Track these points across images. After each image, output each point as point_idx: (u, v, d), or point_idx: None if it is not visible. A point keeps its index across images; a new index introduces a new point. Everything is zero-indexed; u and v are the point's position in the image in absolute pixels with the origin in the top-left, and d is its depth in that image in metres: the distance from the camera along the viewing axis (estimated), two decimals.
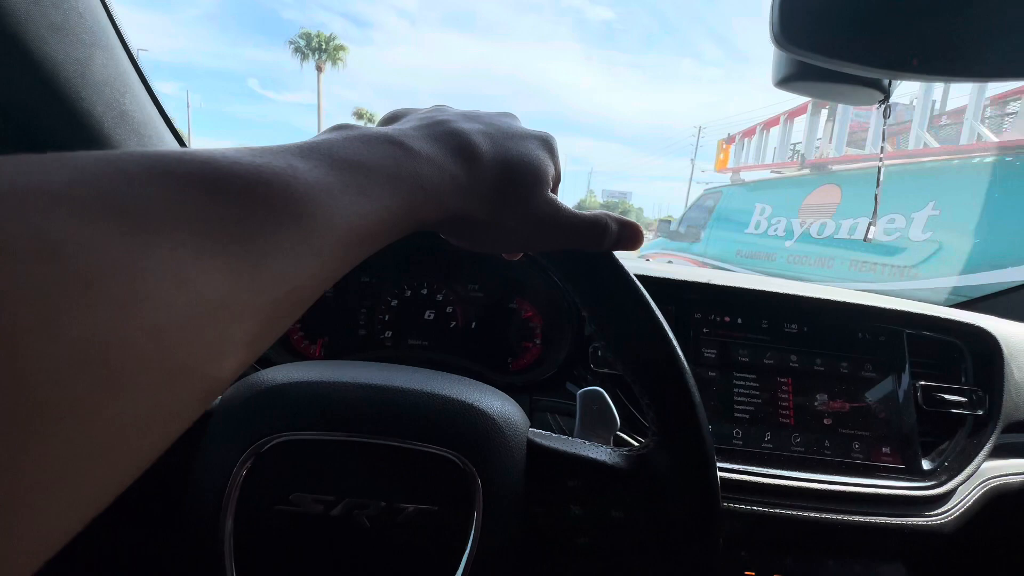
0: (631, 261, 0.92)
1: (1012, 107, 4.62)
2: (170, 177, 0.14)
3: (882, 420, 0.62)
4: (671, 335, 0.30)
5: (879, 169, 0.54)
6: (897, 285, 3.47)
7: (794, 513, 0.56)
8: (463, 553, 0.28)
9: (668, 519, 0.30)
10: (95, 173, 0.13)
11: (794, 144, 6.35)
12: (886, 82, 0.51)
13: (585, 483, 0.31)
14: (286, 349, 0.68)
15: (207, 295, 0.14)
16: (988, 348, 0.65)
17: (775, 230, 4.87)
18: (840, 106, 5.64)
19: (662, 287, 0.64)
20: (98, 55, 0.52)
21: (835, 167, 4.96)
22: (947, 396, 0.62)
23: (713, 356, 0.62)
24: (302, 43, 35.00)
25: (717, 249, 5.62)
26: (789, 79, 0.55)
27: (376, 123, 0.27)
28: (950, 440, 0.63)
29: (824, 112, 5.80)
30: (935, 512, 0.58)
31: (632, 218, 0.30)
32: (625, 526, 0.31)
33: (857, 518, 0.56)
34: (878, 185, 0.55)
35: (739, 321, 0.64)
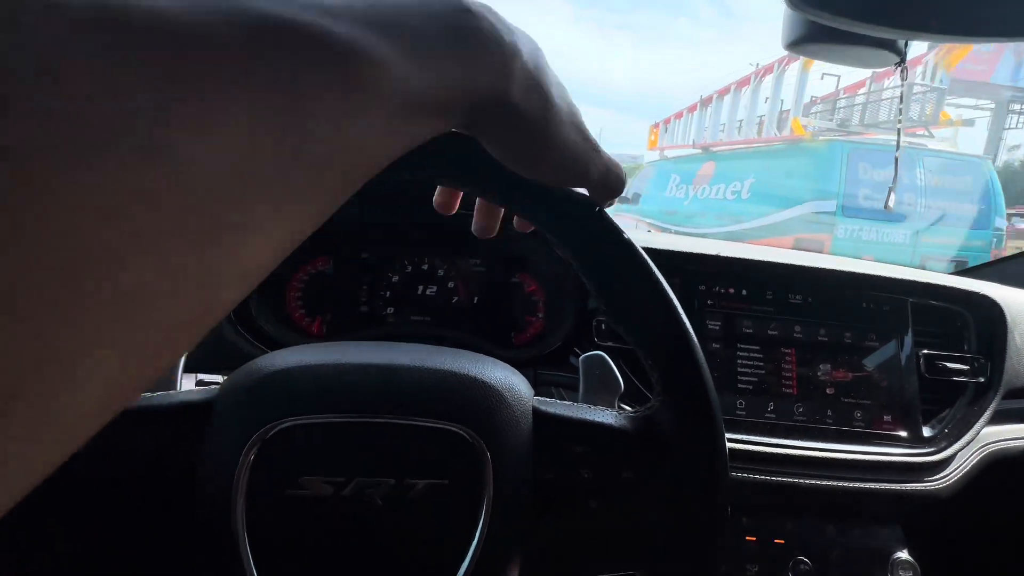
0: (637, 232, 0.92)
1: (761, 114, 7.48)
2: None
3: (884, 389, 0.62)
4: (672, 296, 0.30)
5: (898, 131, 0.53)
6: (732, 227, 5.76)
7: (796, 480, 0.57)
8: (477, 524, 0.29)
9: (677, 476, 0.31)
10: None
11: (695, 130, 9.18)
12: (902, 43, 0.50)
13: (593, 447, 0.31)
14: (286, 325, 0.67)
15: (238, 147, 0.12)
16: (992, 316, 0.65)
17: (681, 194, 7.16)
18: (712, 107, 8.74)
19: (668, 259, 0.63)
20: None
21: (714, 148, 7.49)
22: (949, 364, 0.63)
23: (718, 328, 0.62)
24: None
25: (649, 210, 7.86)
26: (800, 41, 0.53)
27: None
28: (951, 407, 0.64)
29: (709, 108, 8.57)
30: (934, 477, 0.59)
31: None
32: (635, 486, 0.31)
33: (857, 484, 0.57)
34: (898, 148, 0.53)
35: (744, 293, 0.64)
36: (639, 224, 7.32)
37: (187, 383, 0.36)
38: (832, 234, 4.59)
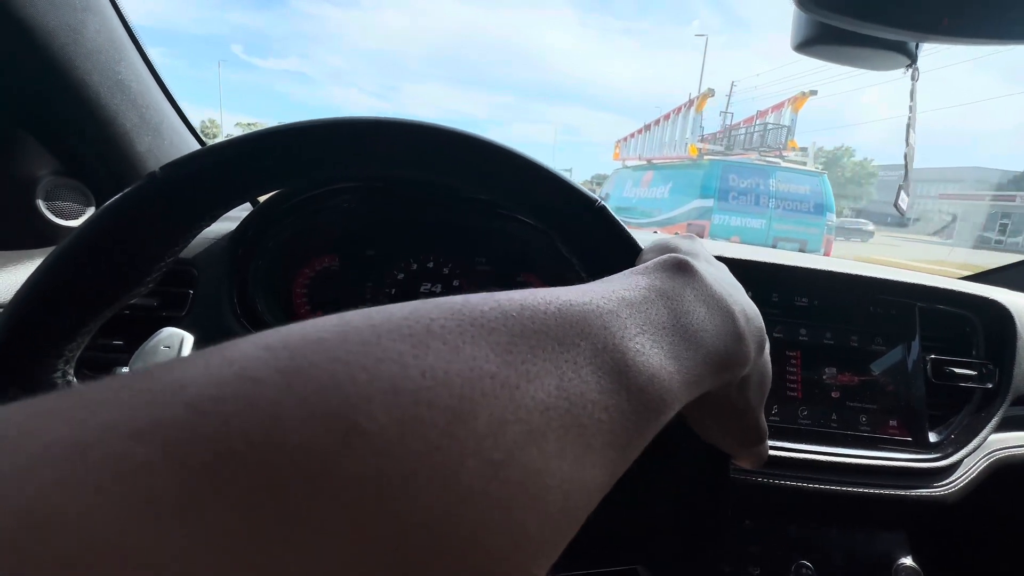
0: (643, 233, 0.91)
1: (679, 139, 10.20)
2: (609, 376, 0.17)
3: (890, 393, 0.62)
4: None
5: (907, 128, 0.52)
6: (657, 217, 8.02)
7: (799, 484, 0.56)
8: None
9: (679, 458, 0.31)
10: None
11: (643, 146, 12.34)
12: (912, 45, 0.49)
13: None
14: (292, 322, 0.68)
15: (589, 486, 0.17)
16: (1001, 321, 0.64)
17: (632, 195, 9.65)
18: (652, 130, 11.53)
19: None
20: (91, 21, 0.50)
21: (653, 161, 9.89)
22: (957, 370, 0.62)
23: None
24: None
25: (615, 206, 9.84)
26: (809, 43, 0.52)
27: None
28: (958, 413, 0.63)
29: (652, 130, 11.29)
30: (940, 483, 0.58)
31: None
32: (639, 472, 0.31)
33: (862, 489, 0.57)
34: (907, 144, 0.52)
35: (749, 295, 0.63)
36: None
37: None
38: (710, 221, 6.80)
